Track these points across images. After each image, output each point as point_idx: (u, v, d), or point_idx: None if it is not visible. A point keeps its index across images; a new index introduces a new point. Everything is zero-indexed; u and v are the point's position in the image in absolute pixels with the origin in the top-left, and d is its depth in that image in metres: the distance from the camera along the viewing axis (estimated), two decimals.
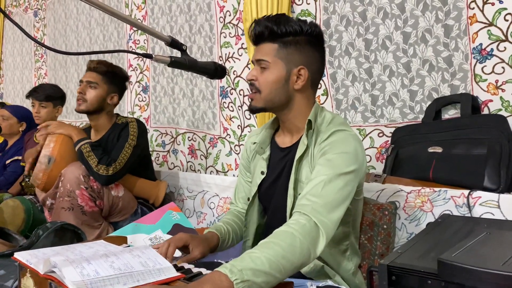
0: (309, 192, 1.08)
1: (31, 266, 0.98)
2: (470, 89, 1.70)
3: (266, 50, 1.23)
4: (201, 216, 2.38)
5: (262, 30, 1.22)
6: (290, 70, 1.22)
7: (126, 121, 2.12)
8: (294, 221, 1.02)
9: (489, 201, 1.44)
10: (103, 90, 2.11)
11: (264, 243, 0.97)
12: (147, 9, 3.07)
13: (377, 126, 1.97)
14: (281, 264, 0.94)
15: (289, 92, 1.23)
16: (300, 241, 0.98)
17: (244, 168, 1.45)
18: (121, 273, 0.91)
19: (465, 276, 0.85)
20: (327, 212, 1.04)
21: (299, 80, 1.23)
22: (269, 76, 1.21)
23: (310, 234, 1.00)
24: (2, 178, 2.81)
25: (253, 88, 1.24)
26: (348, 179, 1.10)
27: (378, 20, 1.94)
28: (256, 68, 1.25)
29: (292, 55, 1.22)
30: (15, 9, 4.58)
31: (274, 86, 1.22)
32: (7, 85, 4.80)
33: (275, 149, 1.32)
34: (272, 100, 1.23)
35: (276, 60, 1.21)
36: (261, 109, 1.25)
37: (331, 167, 1.10)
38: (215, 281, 0.87)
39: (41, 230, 1.53)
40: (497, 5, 1.61)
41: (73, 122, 3.85)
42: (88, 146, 1.93)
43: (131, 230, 1.86)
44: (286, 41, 1.22)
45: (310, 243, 1.00)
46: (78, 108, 2.10)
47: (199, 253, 1.19)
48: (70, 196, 1.85)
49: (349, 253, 1.26)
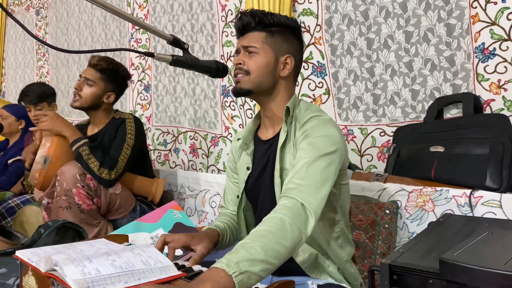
0: (294, 176, 1.10)
1: (32, 264, 0.98)
2: (472, 89, 1.70)
3: (255, 37, 1.26)
4: (203, 215, 2.38)
5: (249, 19, 1.26)
6: (278, 57, 1.26)
7: (123, 118, 2.11)
8: (281, 206, 1.04)
9: (491, 201, 1.44)
10: (100, 88, 2.08)
11: (255, 232, 0.98)
12: (149, 8, 3.07)
13: (379, 125, 1.97)
14: (275, 250, 0.94)
15: (276, 79, 1.26)
16: (290, 224, 0.99)
17: (231, 170, 1.46)
18: (123, 272, 0.91)
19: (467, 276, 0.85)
20: (313, 192, 1.06)
21: (286, 68, 1.27)
22: (258, 60, 1.24)
23: (298, 215, 1.02)
24: (4, 178, 2.81)
25: (240, 71, 1.26)
26: (330, 160, 1.12)
27: (380, 19, 1.94)
28: (243, 53, 1.27)
29: (280, 44, 1.26)
30: (17, 8, 4.58)
31: (263, 70, 1.24)
32: (9, 84, 4.80)
33: (259, 143, 1.35)
34: (260, 83, 1.25)
35: (265, 46, 1.25)
36: (247, 92, 1.26)
37: (312, 149, 1.12)
38: (214, 278, 0.87)
39: (43, 229, 1.53)
40: (499, 4, 1.61)
41: (75, 120, 3.86)
42: (86, 148, 1.92)
43: (132, 228, 1.86)
44: (273, 31, 1.26)
45: (300, 223, 1.01)
46: (73, 104, 2.08)
47: (204, 249, 1.20)
48: (67, 195, 1.85)
49: (341, 240, 1.27)
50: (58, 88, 3.92)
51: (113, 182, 1.96)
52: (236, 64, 1.26)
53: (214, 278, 0.86)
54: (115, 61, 2.19)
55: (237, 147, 1.40)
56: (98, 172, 1.90)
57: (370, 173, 1.79)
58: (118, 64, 2.18)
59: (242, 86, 1.25)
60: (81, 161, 1.91)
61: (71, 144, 1.94)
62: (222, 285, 0.85)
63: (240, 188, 1.36)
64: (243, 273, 0.88)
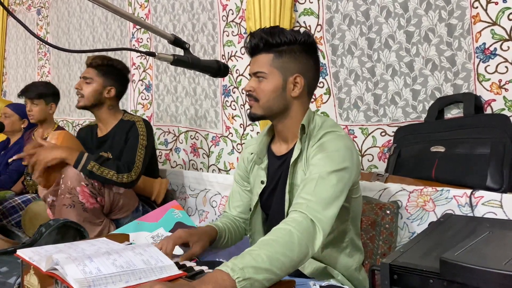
0: (303, 191, 1.10)
1: (33, 263, 0.98)
2: (473, 89, 1.70)
3: (262, 61, 1.26)
4: (203, 214, 2.39)
5: (257, 42, 1.26)
6: (286, 78, 1.25)
7: (133, 120, 2.12)
8: (291, 219, 1.04)
9: (491, 201, 1.44)
10: (98, 84, 2.11)
11: (263, 241, 0.99)
12: (150, 8, 3.07)
13: (380, 125, 1.97)
14: (281, 261, 0.95)
15: (287, 100, 1.26)
16: (298, 238, 0.99)
17: (241, 178, 1.46)
18: (123, 271, 0.91)
19: (467, 276, 0.85)
20: (322, 209, 1.06)
21: (296, 87, 1.26)
22: (266, 86, 1.24)
23: (307, 231, 1.02)
24: (5, 176, 2.82)
25: (251, 98, 1.27)
26: (341, 176, 1.12)
27: (381, 19, 1.94)
28: (253, 79, 1.28)
29: (288, 64, 1.25)
30: (18, 7, 4.59)
31: (272, 95, 1.24)
32: (11, 83, 4.81)
33: (272, 158, 1.35)
34: (271, 108, 1.26)
35: (272, 70, 1.24)
36: (260, 117, 1.28)
37: (323, 165, 1.13)
38: (217, 280, 0.87)
39: (44, 228, 1.53)
40: (500, 4, 1.61)
41: (76, 120, 3.86)
42: (95, 164, 1.87)
43: (133, 228, 1.86)
44: (281, 51, 1.24)
45: (308, 239, 1.01)
46: (77, 105, 2.12)
47: (199, 248, 1.22)
48: (71, 193, 1.85)
49: (350, 250, 1.27)
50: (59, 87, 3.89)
51: (135, 182, 1.97)
52: (247, 91, 1.28)
53: (217, 281, 0.87)
54: (110, 57, 2.22)
55: (250, 159, 1.41)
56: (118, 179, 1.90)
57: (371, 173, 1.79)
58: (113, 59, 2.21)
59: (254, 112, 1.27)
60: (96, 177, 1.88)
61: (75, 165, 1.87)
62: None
63: (253, 200, 1.37)
64: (247, 280, 0.89)
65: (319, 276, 1.22)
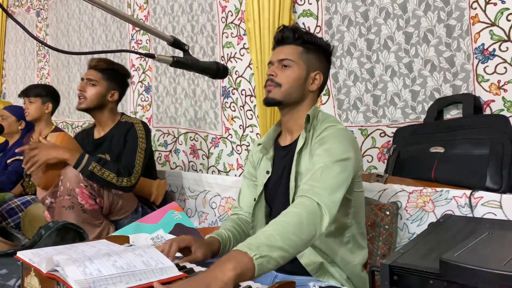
0: (310, 178, 1.15)
1: (34, 265, 0.98)
2: (472, 89, 1.70)
3: (292, 51, 1.34)
4: (203, 215, 2.39)
5: (290, 33, 1.35)
6: (309, 72, 1.35)
7: (131, 122, 2.12)
8: (299, 203, 1.09)
9: (491, 201, 1.44)
10: (103, 87, 2.11)
11: (274, 222, 1.03)
12: (149, 9, 3.07)
13: (379, 126, 1.97)
14: (292, 239, 1.00)
15: (304, 92, 1.35)
16: (307, 219, 1.04)
17: (249, 173, 1.50)
18: (124, 272, 0.91)
19: (467, 276, 0.85)
20: (328, 194, 1.11)
21: (314, 83, 1.36)
22: (291, 73, 1.33)
23: (314, 213, 1.06)
24: (4, 178, 2.82)
25: (272, 83, 1.33)
26: (344, 166, 1.18)
27: (380, 20, 1.94)
28: (276, 66, 1.35)
29: (313, 61, 1.35)
30: (18, 9, 4.59)
31: (295, 83, 1.32)
32: (10, 85, 4.81)
33: (278, 149, 1.41)
34: (291, 95, 1.33)
35: (299, 61, 1.33)
36: (277, 102, 1.33)
37: (328, 155, 1.18)
38: (236, 258, 0.91)
39: (44, 230, 1.53)
40: (499, 5, 1.61)
41: (75, 121, 3.86)
42: (96, 164, 1.88)
43: (133, 229, 1.86)
44: (309, 48, 1.35)
45: (315, 220, 1.06)
46: (79, 106, 2.10)
47: (201, 255, 1.22)
48: (70, 195, 1.85)
49: (352, 246, 1.29)
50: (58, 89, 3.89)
51: (134, 186, 2.00)
52: (269, 75, 1.34)
53: (236, 258, 0.91)
54: (114, 61, 2.23)
55: (257, 151, 1.45)
56: (117, 182, 1.91)
57: (370, 174, 1.80)
58: (117, 63, 2.23)
59: (273, 96, 1.33)
60: (96, 178, 1.88)
61: (75, 166, 1.87)
62: (244, 265, 0.90)
63: (257, 191, 1.40)
64: (263, 257, 0.93)
65: (316, 269, 1.24)
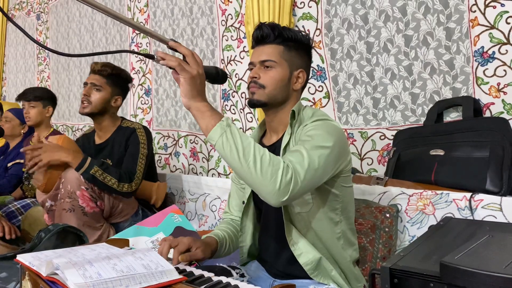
0: (287, 155, 1.13)
1: (33, 268, 0.98)
2: (472, 92, 1.70)
3: (273, 51, 1.30)
4: (203, 218, 2.38)
5: (269, 32, 1.30)
6: (292, 72, 1.31)
7: (133, 127, 2.12)
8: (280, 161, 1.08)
9: (491, 204, 1.44)
10: (108, 92, 2.12)
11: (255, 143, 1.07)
12: (149, 12, 3.08)
13: (379, 129, 1.98)
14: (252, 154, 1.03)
15: (288, 92, 1.31)
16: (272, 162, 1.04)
17: (236, 177, 1.48)
18: (124, 275, 0.91)
19: (467, 279, 0.85)
20: (301, 168, 1.08)
21: (298, 81, 1.32)
22: (275, 75, 1.28)
23: (286, 171, 1.04)
24: (4, 181, 2.81)
25: (255, 85, 1.29)
26: (321, 152, 1.13)
27: (379, 23, 1.95)
28: (258, 67, 1.30)
29: (295, 59, 1.31)
30: (18, 12, 4.60)
31: (279, 84, 1.29)
32: (10, 88, 4.82)
33: None
34: (275, 96, 1.29)
35: (281, 60, 1.29)
36: (263, 104, 1.30)
37: (309, 141, 1.15)
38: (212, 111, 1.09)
39: (43, 233, 1.53)
40: (498, 8, 1.62)
41: (75, 124, 3.86)
42: (98, 168, 1.88)
43: (133, 232, 1.86)
44: (290, 45, 1.30)
45: (282, 176, 1.03)
46: (82, 111, 2.10)
47: (201, 253, 1.22)
48: (71, 198, 1.85)
49: (343, 242, 1.27)
50: (59, 92, 3.93)
51: (134, 193, 2.01)
52: (252, 78, 1.30)
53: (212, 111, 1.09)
54: (116, 65, 2.23)
55: None
56: (118, 188, 1.91)
57: (371, 176, 1.80)
58: (120, 68, 2.23)
59: (258, 98, 1.28)
60: (97, 183, 1.88)
61: (77, 168, 1.87)
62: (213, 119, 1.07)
63: (245, 193, 1.38)
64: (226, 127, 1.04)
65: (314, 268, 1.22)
